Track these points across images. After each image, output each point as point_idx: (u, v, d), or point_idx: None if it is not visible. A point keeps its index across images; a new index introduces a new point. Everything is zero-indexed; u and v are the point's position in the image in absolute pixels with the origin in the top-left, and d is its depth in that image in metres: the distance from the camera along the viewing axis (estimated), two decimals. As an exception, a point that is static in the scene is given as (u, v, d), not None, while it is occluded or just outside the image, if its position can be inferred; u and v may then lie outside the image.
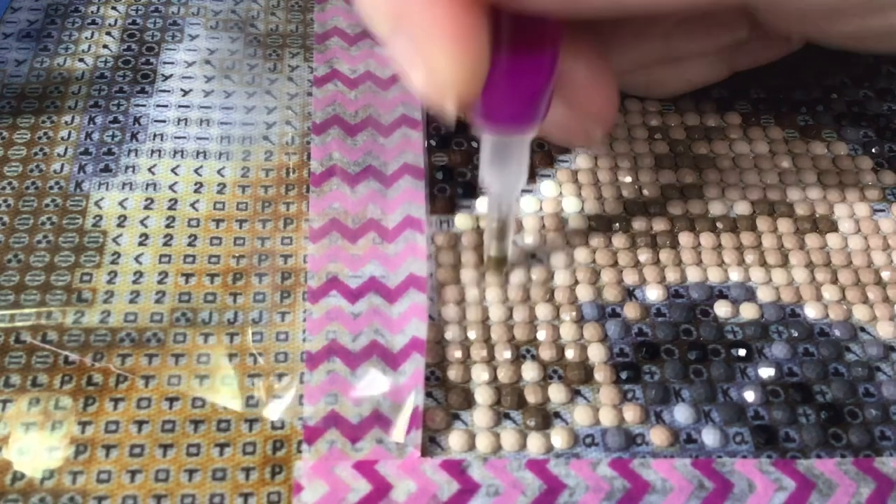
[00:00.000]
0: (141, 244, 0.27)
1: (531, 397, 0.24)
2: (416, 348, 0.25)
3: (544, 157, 0.29)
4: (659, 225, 0.28)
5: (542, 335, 0.26)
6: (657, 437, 0.24)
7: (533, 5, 0.20)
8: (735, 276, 0.27)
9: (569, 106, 0.25)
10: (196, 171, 0.28)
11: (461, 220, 0.28)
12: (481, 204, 0.28)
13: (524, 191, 0.28)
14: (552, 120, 0.24)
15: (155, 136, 0.29)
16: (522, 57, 0.21)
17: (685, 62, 0.29)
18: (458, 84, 0.20)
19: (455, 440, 0.24)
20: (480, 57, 0.20)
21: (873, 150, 0.30)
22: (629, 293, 0.27)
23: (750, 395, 0.25)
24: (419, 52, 0.20)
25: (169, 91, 0.30)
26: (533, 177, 0.29)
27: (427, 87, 0.21)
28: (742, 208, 0.29)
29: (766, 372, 0.25)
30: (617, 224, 0.28)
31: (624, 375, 0.25)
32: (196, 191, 0.28)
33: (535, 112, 0.22)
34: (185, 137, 0.29)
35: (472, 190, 0.28)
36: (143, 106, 0.30)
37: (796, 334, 0.26)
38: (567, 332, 0.26)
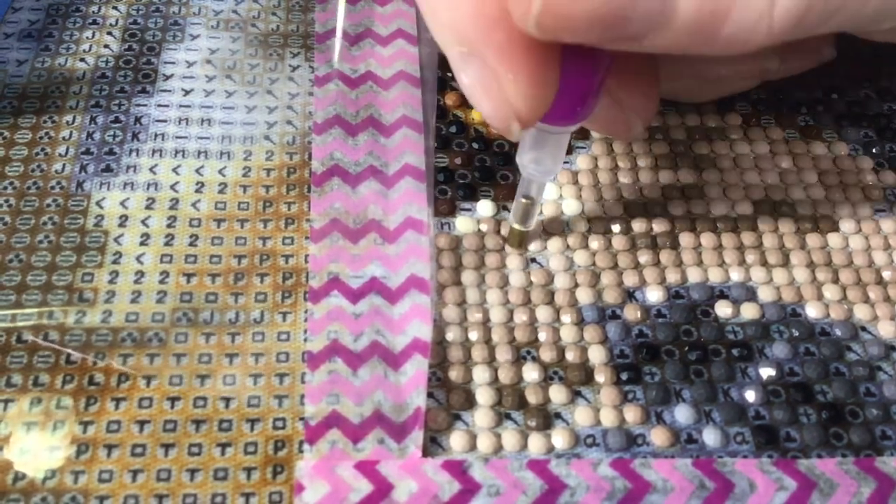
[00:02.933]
0: (142, 244, 0.27)
1: (532, 398, 0.24)
2: (418, 349, 0.25)
3: (545, 157, 0.29)
4: (659, 225, 0.28)
5: (542, 337, 0.26)
6: (658, 437, 0.24)
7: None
8: (736, 275, 0.27)
9: (612, 100, 0.25)
10: (197, 170, 0.28)
11: (462, 224, 0.28)
12: (482, 207, 0.28)
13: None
14: (597, 112, 0.25)
15: (156, 135, 0.29)
16: (575, 59, 0.22)
17: (721, 79, 0.29)
18: (527, 114, 0.21)
19: (456, 440, 0.24)
20: (551, 90, 0.21)
21: (874, 150, 0.30)
22: (629, 295, 0.27)
23: (751, 395, 0.25)
24: (491, 84, 0.21)
25: (170, 91, 0.30)
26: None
27: (495, 116, 0.22)
28: (743, 208, 0.29)
29: (767, 372, 0.25)
30: (617, 225, 0.28)
31: (624, 376, 0.25)
32: (197, 190, 0.28)
33: (585, 109, 0.23)
34: (186, 137, 0.29)
35: (473, 192, 0.28)
36: (145, 105, 0.30)
37: (797, 334, 0.26)
38: (567, 333, 0.26)
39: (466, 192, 0.28)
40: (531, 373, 0.25)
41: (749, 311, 0.26)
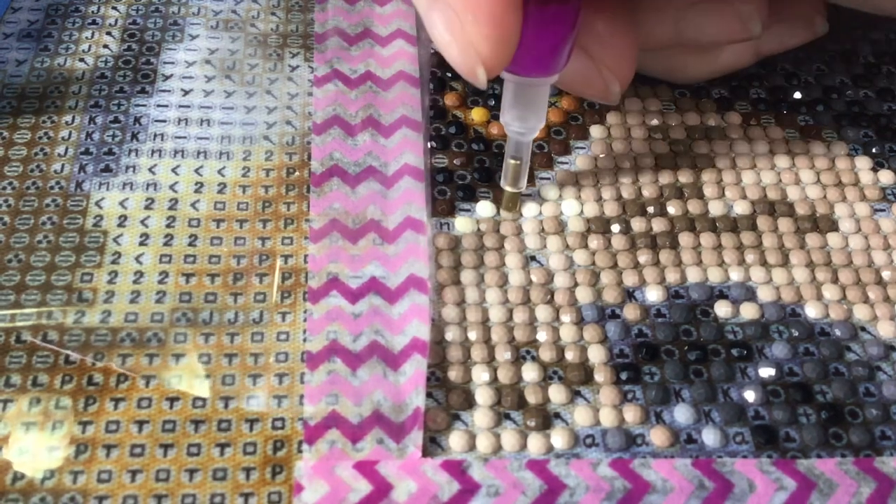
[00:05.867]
0: (141, 244, 0.27)
1: (531, 398, 0.24)
2: (417, 349, 0.25)
3: (544, 158, 0.29)
4: (659, 225, 0.28)
5: (542, 336, 0.26)
6: (657, 437, 0.24)
7: None
8: (735, 275, 0.27)
9: (589, 58, 0.26)
10: (196, 170, 0.28)
11: (461, 224, 0.28)
12: (482, 208, 0.28)
13: (524, 195, 0.28)
14: (573, 70, 0.26)
15: (155, 135, 0.29)
16: (547, 8, 0.23)
17: (705, 49, 0.29)
18: (491, 58, 0.22)
19: (455, 440, 0.24)
20: (513, 33, 0.22)
21: (873, 150, 0.30)
22: (629, 294, 0.27)
23: (750, 395, 0.25)
24: (455, 27, 0.22)
25: (169, 91, 0.30)
26: (532, 179, 0.29)
27: (461, 60, 0.23)
28: (742, 208, 0.29)
29: (767, 372, 0.25)
30: (616, 225, 0.28)
31: (624, 376, 0.25)
32: (196, 191, 0.28)
33: (557, 60, 0.24)
34: (185, 137, 0.29)
35: (472, 193, 0.28)
36: (144, 106, 0.30)
37: (797, 334, 0.26)
38: (567, 333, 0.26)
39: (466, 192, 0.28)
40: (530, 372, 0.25)
41: (748, 311, 0.26)
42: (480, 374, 0.25)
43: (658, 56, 0.30)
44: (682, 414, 0.24)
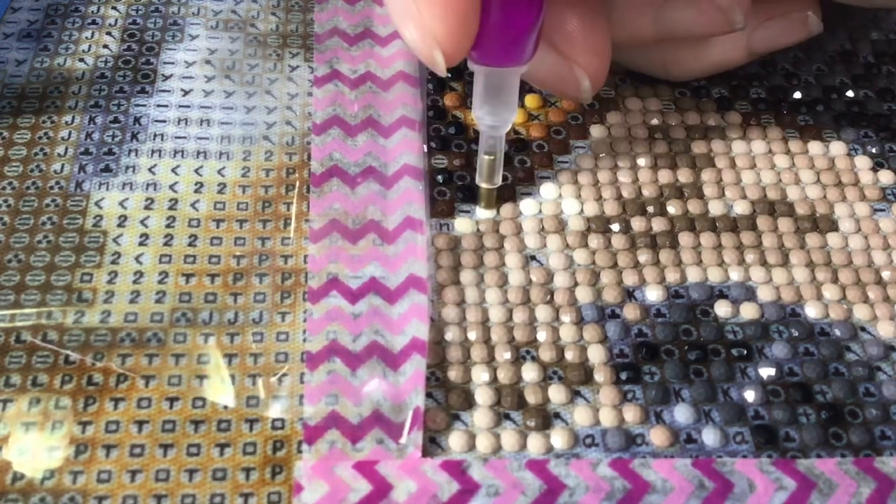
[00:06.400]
0: (141, 244, 0.27)
1: (531, 398, 0.24)
2: (417, 349, 0.25)
3: (544, 157, 0.29)
4: (658, 225, 0.28)
5: (541, 336, 0.26)
6: (657, 437, 0.24)
7: None
8: (735, 275, 0.27)
9: (560, 55, 0.26)
10: (196, 170, 0.28)
11: (461, 224, 0.28)
12: (482, 210, 0.28)
13: (524, 193, 0.28)
14: (544, 67, 0.26)
15: (155, 135, 0.29)
16: None
17: (697, 42, 0.29)
18: (447, 42, 0.22)
19: (455, 440, 0.24)
20: (469, 16, 0.22)
21: (873, 150, 0.30)
22: (629, 294, 0.27)
23: (750, 395, 0.25)
24: (412, 9, 0.22)
25: (169, 91, 0.30)
26: (532, 178, 0.29)
27: (418, 44, 0.23)
28: (742, 208, 0.29)
29: (767, 372, 0.25)
30: (616, 225, 0.28)
31: (624, 376, 0.25)
32: (196, 191, 0.28)
33: (523, 49, 0.24)
34: (185, 137, 0.29)
35: (472, 193, 0.28)
36: (144, 106, 0.30)
37: (796, 334, 0.26)
38: (567, 333, 0.26)
39: (465, 193, 0.28)
40: (530, 372, 0.25)
41: (748, 311, 0.26)
42: (480, 375, 0.25)
43: (650, 52, 0.30)
44: (682, 414, 0.24)
